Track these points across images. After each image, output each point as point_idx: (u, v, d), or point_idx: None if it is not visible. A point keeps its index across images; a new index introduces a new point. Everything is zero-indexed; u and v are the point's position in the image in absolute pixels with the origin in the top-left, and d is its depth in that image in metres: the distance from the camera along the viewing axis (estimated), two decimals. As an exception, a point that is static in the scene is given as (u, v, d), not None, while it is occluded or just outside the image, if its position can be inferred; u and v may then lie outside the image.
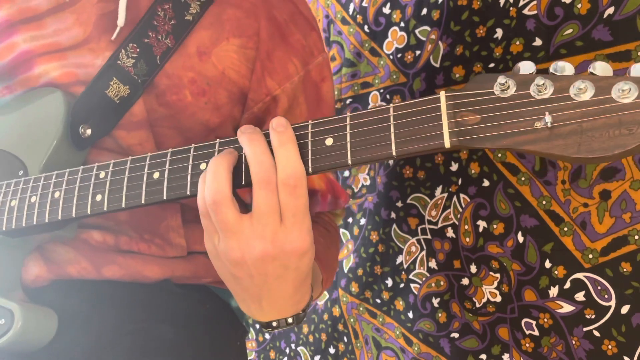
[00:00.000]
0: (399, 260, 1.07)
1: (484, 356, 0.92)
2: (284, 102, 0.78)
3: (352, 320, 1.17)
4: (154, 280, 0.77)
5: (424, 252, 1.02)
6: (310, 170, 0.54)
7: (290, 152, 0.53)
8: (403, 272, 1.06)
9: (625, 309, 0.75)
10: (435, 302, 1.00)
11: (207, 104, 0.74)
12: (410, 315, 1.04)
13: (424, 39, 1.01)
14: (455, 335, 0.96)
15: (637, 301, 0.74)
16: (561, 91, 0.45)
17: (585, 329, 0.79)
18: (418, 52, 1.02)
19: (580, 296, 0.80)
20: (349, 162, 0.53)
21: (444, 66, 0.97)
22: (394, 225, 1.07)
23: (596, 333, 0.78)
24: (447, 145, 0.48)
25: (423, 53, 1.01)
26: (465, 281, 0.94)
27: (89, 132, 0.71)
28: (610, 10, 0.75)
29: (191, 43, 0.74)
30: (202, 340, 0.76)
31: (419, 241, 1.03)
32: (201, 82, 0.73)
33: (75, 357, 0.68)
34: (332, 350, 1.22)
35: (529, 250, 0.85)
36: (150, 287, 0.76)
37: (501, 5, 0.88)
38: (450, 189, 0.97)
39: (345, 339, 1.19)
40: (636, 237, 0.74)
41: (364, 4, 1.13)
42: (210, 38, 0.74)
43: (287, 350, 1.34)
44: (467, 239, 0.94)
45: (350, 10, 1.16)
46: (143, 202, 0.61)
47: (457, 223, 0.95)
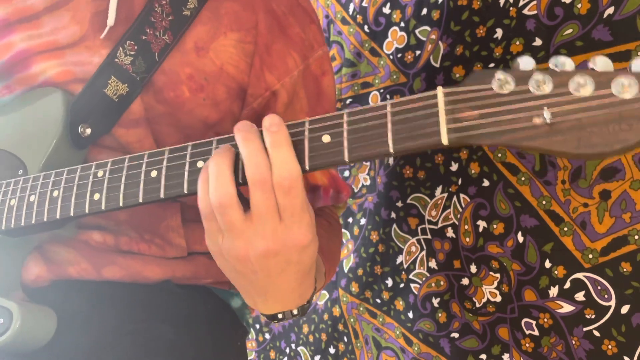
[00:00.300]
0: (399, 260, 1.07)
1: (484, 356, 0.92)
2: (284, 97, 0.77)
3: (352, 320, 1.17)
4: (154, 281, 0.76)
5: (424, 252, 1.02)
6: (307, 167, 0.54)
7: (284, 153, 0.53)
8: (403, 272, 1.06)
9: (625, 309, 0.75)
10: (435, 302, 0.99)
11: (206, 100, 0.73)
12: (410, 315, 1.04)
13: (424, 39, 1.01)
14: (455, 335, 0.96)
15: (637, 301, 0.74)
16: (560, 87, 0.45)
17: (585, 329, 0.79)
18: (418, 52, 1.02)
19: (580, 296, 0.80)
20: (346, 159, 0.52)
21: (444, 66, 0.97)
22: (394, 225, 1.07)
23: (596, 333, 0.78)
24: (445, 142, 0.48)
25: (423, 53, 1.01)
26: (465, 281, 0.94)
27: (88, 131, 0.70)
28: (610, 10, 0.75)
29: (189, 39, 0.73)
30: (202, 341, 0.76)
31: (419, 241, 1.03)
32: (199, 78, 0.73)
33: (76, 358, 0.67)
34: (332, 350, 1.22)
35: (529, 250, 0.85)
36: (151, 288, 0.76)
37: (501, 5, 0.88)
38: (450, 189, 0.96)
39: (346, 339, 1.19)
40: (636, 237, 0.74)
41: (364, 4, 1.13)
42: (207, 33, 0.73)
43: (287, 350, 1.34)
44: (467, 239, 0.94)
45: (350, 10, 1.16)
46: (141, 200, 0.61)
47: (457, 223, 0.95)
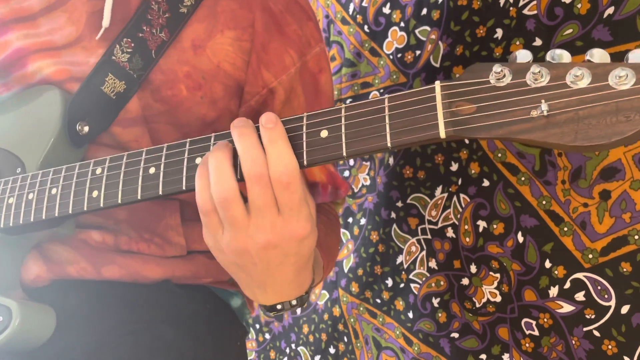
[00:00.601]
0: (399, 260, 1.06)
1: (484, 356, 0.92)
2: (281, 94, 0.77)
3: (352, 320, 1.17)
4: (154, 280, 0.76)
5: (424, 252, 1.02)
6: (305, 163, 0.54)
7: (281, 149, 0.53)
8: (403, 272, 1.05)
9: (625, 309, 0.75)
10: (435, 302, 0.99)
11: (203, 98, 0.73)
12: (410, 315, 1.04)
13: (424, 39, 1.01)
14: (455, 335, 0.96)
15: (637, 301, 0.74)
16: (557, 79, 0.45)
17: (585, 329, 0.79)
18: (418, 52, 1.02)
19: (580, 296, 0.79)
20: (344, 153, 0.52)
21: (444, 66, 0.97)
22: (394, 225, 1.07)
23: (596, 333, 0.78)
24: (442, 135, 0.48)
25: (423, 53, 1.01)
26: (465, 281, 0.94)
27: (86, 129, 0.70)
28: (610, 10, 0.75)
29: (186, 36, 0.73)
30: (202, 341, 0.76)
31: (419, 241, 1.03)
32: (196, 76, 0.73)
33: (75, 357, 0.67)
34: (332, 350, 1.22)
35: (529, 250, 0.85)
36: (150, 287, 0.76)
37: (501, 5, 0.87)
38: (450, 189, 0.96)
39: (346, 339, 1.19)
40: (636, 237, 0.74)
41: (364, 4, 1.13)
42: (205, 31, 0.73)
43: (287, 350, 1.34)
44: (467, 239, 0.93)
45: (350, 10, 1.16)
46: (139, 197, 0.61)
47: (457, 223, 0.95)
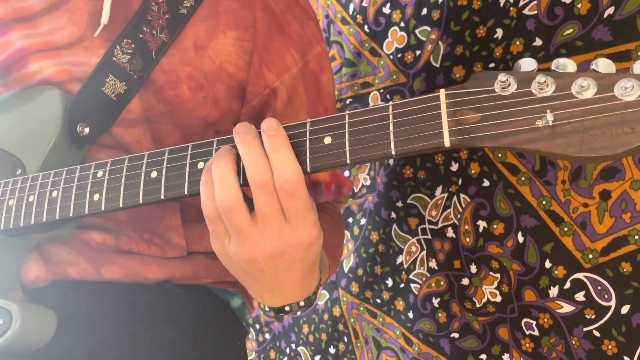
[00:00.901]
0: (399, 260, 1.06)
1: (484, 356, 0.92)
2: (283, 94, 0.77)
3: (352, 320, 1.17)
4: (154, 281, 0.76)
5: (424, 252, 1.02)
6: (308, 169, 0.54)
7: (284, 156, 0.52)
8: (403, 272, 1.05)
9: (625, 309, 0.75)
10: (435, 302, 0.99)
11: (206, 98, 0.73)
12: (411, 315, 1.04)
13: (424, 39, 1.01)
14: (455, 335, 0.96)
15: (637, 301, 0.74)
16: (563, 89, 0.44)
17: (585, 329, 0.79)
18: (418, 52, 1.02)
19: (580, 296, 0.79)
20: (348, 161, 0.52)
21: (444, 66, 0.97)
22: (394, 225, 1.07)
23: (596, 333, 0.78)
24: (447, 144, 0.48)
25: (423, 53, 1.01)
26: (465, 281, 0.94)
27: (87, 130, 0.70)
28: (610, 10, 0.75)
29: (187, 37, 0.73)
30: (202, 341, 0.76)
31: (419, 241, 1.03)
32: (199, 76, 0.73)
33: (76, 358, 0.67)
34: (332, 350, 1.22)
35: (529, 250, 0.85)
36: (151, 288, 0.76)
37: (501, 5, 0.87)
38: (450, 189, 0.96)
39: (346, 339, 1.19)
40: (636, 237, 0.74)
41: (364, 4, 1.13)
42: (206, 31, 0.73)
43: (288, 350, 1.34)
44: (467, 239, 0.93)
45: (350, 10, 1.16)
46: (141, 201, 0.61)
47: (457, 223, 0.95)
